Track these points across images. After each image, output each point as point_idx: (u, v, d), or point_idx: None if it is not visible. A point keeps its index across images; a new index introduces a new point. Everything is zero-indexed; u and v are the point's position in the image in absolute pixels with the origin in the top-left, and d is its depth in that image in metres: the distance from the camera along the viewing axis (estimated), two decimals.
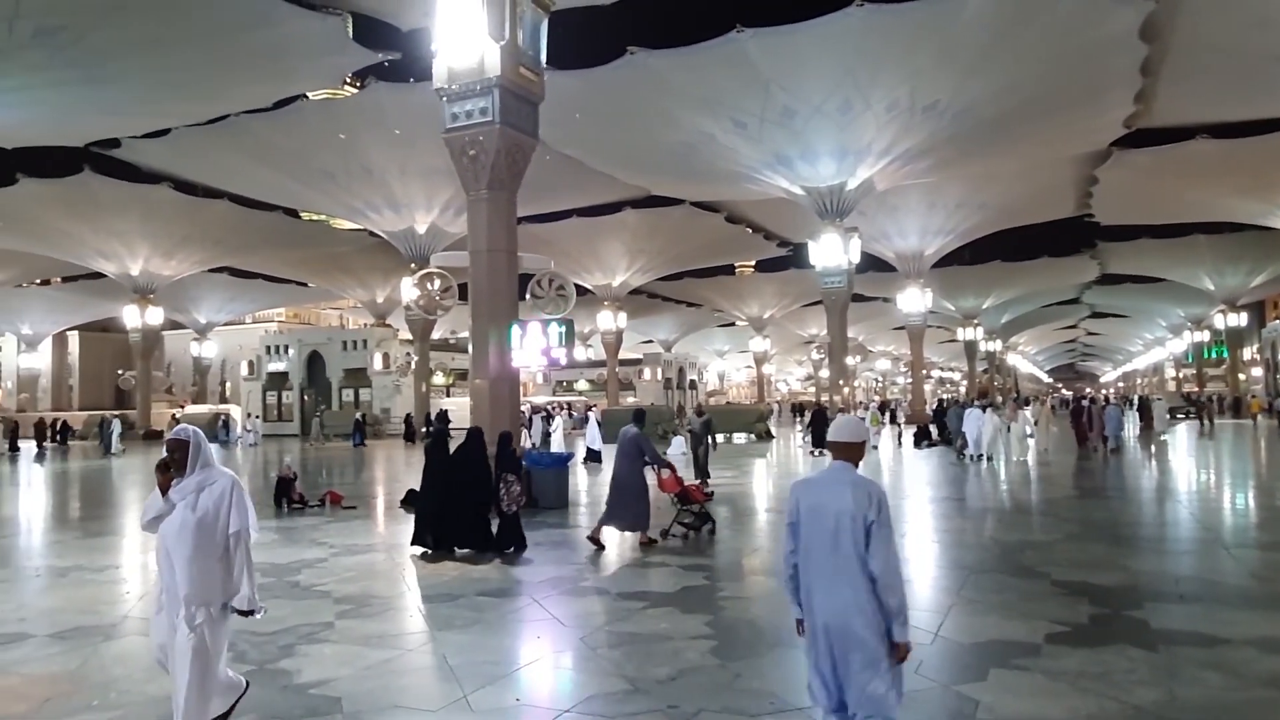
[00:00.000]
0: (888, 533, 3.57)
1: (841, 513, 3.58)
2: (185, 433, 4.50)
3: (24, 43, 20.64)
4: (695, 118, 28.28)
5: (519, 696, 5.44)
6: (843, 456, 3.75)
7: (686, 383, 72.77)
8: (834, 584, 3.59)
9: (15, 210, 37.32)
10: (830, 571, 3.60)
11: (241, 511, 4.41)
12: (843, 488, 3.64)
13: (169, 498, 4.39)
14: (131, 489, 20.58)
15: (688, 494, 11.10)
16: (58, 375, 70.23)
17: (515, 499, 10.35)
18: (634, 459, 10.71)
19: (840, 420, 3.94)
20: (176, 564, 4.30)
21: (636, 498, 10.53)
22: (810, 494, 3.76)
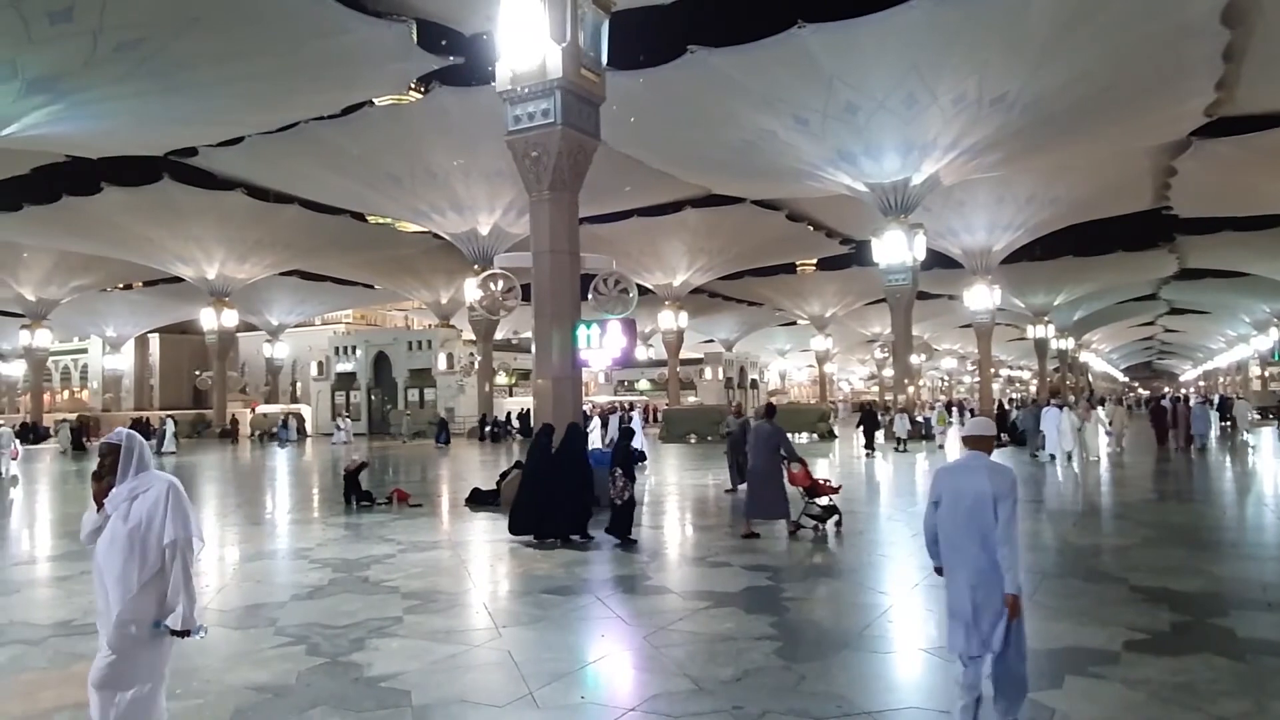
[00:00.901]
0: (1012, 506, 4.35)
1: (979, 492, 4.39)
2: (117, 436, 4.04)
3: (108, 56, 21.47)
4: (756, 115, 28.09)
5: (584, 694, 5.48)
6: (976, 447, 4.64)
7: (748, 382, 72.39)
8: (971, 550, 4.40)
9: (100, 217, 38.92)
10: (967, 540, 4.42)
11: (179, 519, 3.92)
12: (979, 471, 4.49)
13: (103, 508, 3.95)
14: (208, 484, 21.26)
15: (817, 488, 11.56)
16: (140, 375, 72.99)
17: (620, 492, 10.86)
18: (771, 453, 11.23)
19: (972, 420, 4.91)
20: (108, 581, 3.85)
21: (773, 489, 11.11)
22: (951, 477, 4.60)
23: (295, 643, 6.51)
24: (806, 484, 11.56)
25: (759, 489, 11.22)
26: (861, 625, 6.88)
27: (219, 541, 12.25)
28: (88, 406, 68.05)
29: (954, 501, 4.50)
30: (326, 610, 7.51)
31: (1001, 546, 4.30)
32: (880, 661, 6.15)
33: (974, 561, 4.38)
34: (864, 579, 8.87)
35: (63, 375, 75.18)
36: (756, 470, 11.33)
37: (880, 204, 31.65)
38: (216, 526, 13.79)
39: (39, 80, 21.81)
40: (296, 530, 12.96)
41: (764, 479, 11.21)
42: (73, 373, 75.80)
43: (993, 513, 4.33)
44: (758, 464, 11.31)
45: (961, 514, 4.44)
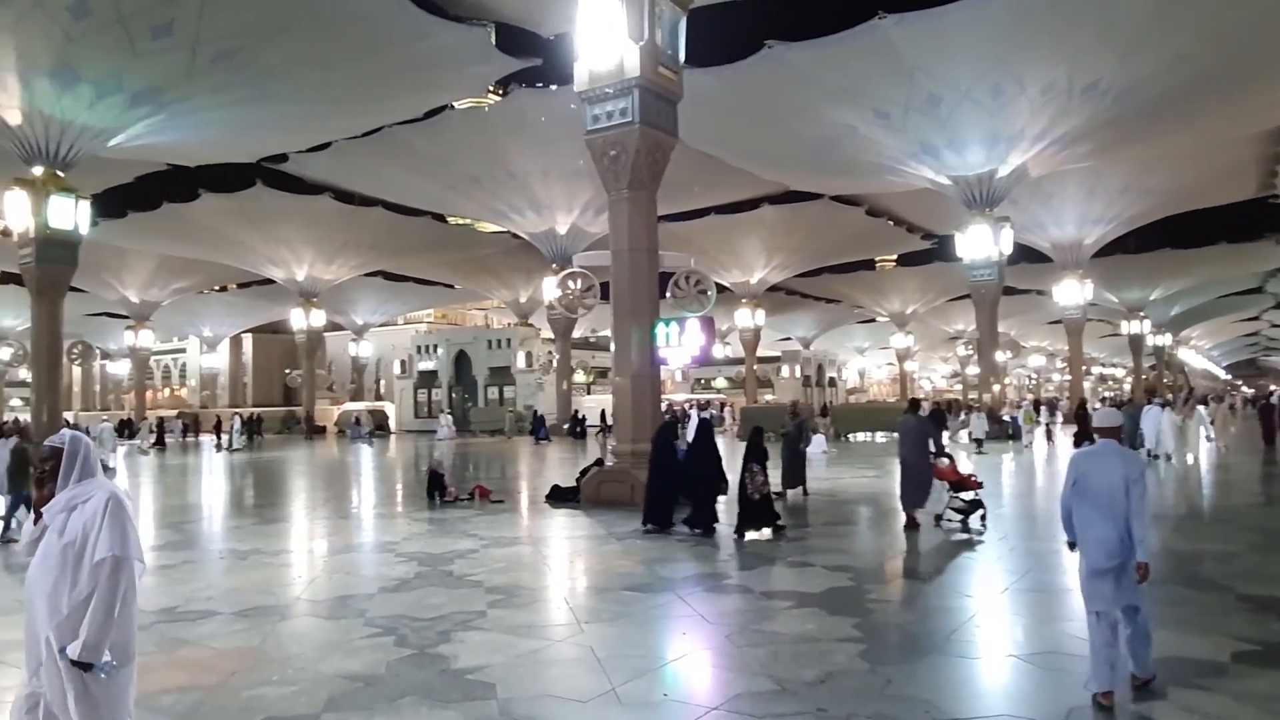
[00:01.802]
0: (1142, 487, 5.04)
1: (1112, 474, 5.10)
2: (60, 439, 3.59)
3: (205, 67, 22.42)
4: (835, 110, 27.67)
5: (666, 691, 5.48)
6: (1107, 436, 5.39)
7: (825, 380, 71.39)
8: (1105, 525, 5.05)
9: (198, 222, 40.68)
10: (1103, 516, 5.07)
11: (116, 535, 3.40)
12: (1112, 456, 5.22)
13: (41, 519, 3.52)
14: (297, 479, 22.01)
15: (963, 482, 11.66)
16: (234, 374, 76.00)
17: (759, 486, 11.23)
18: (921, 446, 11.55)
19: (1101, 411, 5.76)
20: (36, 601, 3.40)
21: (922, 480, 11.41)
22: (1088, 461, 5.32)
23: (384, 633, 6.68)
24: (953, 478, 11.70)
25: (909, 480, 11.49)
26: (948, 629, 6.71)
27: (308, 535, 12.68)
28: (186, 404, 71.23)
29: (1090, 482, 5.17)
30: (413, 603, 7.68)
31: (1134, 520, 4.97)
32: (968, 667, 5.98)
33: (1108, 534, 5.02)
34: (949, 582, 8.65)
35: (164, 374, 78.80)
36: (906, 461, 11.65)
37: (964, 198, 30.84)
38: (305, 520, 14.27)
39: (142, 92, 22.91)
40: (382, 524, 13.31)
41: (913, 470, 11.49)
42: (173, 371, 79.40)
43: (1124, 492, 5.00)
44: (907, 456, 11.62)
45: (1097, 493, 5.11)
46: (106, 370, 77.78)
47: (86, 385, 79.76)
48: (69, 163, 23.94)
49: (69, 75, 21.70)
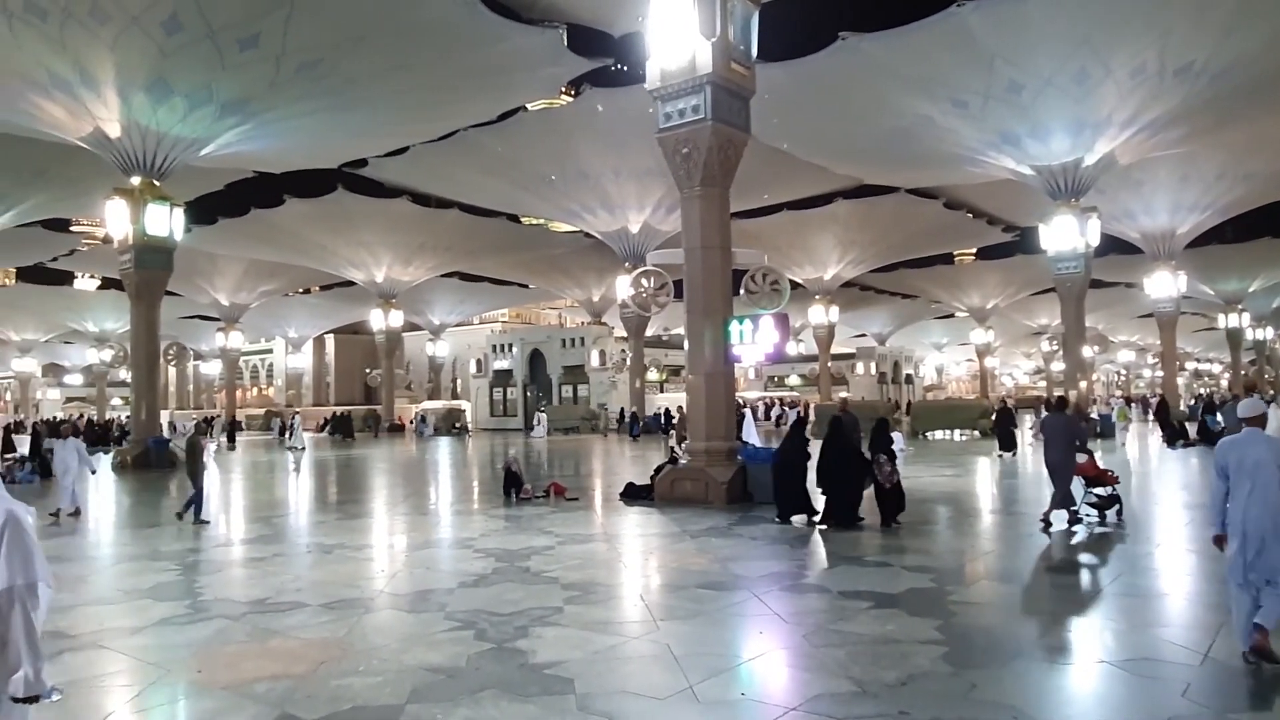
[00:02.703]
0: None
1: (1259, 459, 5.50)
2: None
3: (289, 77, 23.19)
4: (911, 100, 27.09)
5: (744, 691, 5.45)
6: (1253, 425, 5.75)
7: (902, 377, 70.07)
8: (1256, 505, 5.43)
9: (283, 227, 42.15)
10: (1252, 498, 5.45)
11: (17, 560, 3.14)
12: (1258, 443, 5.62)
13: None
14: (378, 475, 22.58)
15: (1100, 477, 11.64)
16: (317, 373, 78.51)
17: (888, 476, 11.54)
18: (1067, 444, 11.36)
19: (1245, 402, 6.03)
20: None
21: (1067, 479, 11.22)
22: (1236, 449, 5.67)
23: (464, 628, 6.80)
24: (1091, 473, 11.64)
25: (1055, 478, 11.27)
26: (1036, 633, 6.52)
27: (388, 530, 12.99)
28: (273, 403, 73.82)
29: (1239, 468, 5.54)
30: (491, 598, 7.81)
31: None
32: (1057, 673, 5.80)
33: (1257, 514, 5.40)
34: (1036, 585, 8.40)
35: (252, 374, 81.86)
36: (1051, 460, 11.46)
37: (1048, 188, 29.86)
38: (386, 516, 14.63)
39: (231, 103, 23.81)
40: (459, 521, 13.56)
41: (1058, 469, 11.32)
42: (260, 371, 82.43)
43: (1271, 475, 5.42)
44: (1053, 454, 11.43)
45: (1247, 476, 5.48)
46: (199, 370, 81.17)
47: (181, 385, 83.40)
48: (164, 172, 25.04)
49: (163, 89, 22.70)
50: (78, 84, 22.16)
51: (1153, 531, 11.26)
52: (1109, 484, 11.58)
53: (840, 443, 12.04)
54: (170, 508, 16.78)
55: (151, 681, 5.74)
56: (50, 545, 11.81)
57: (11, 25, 19.88)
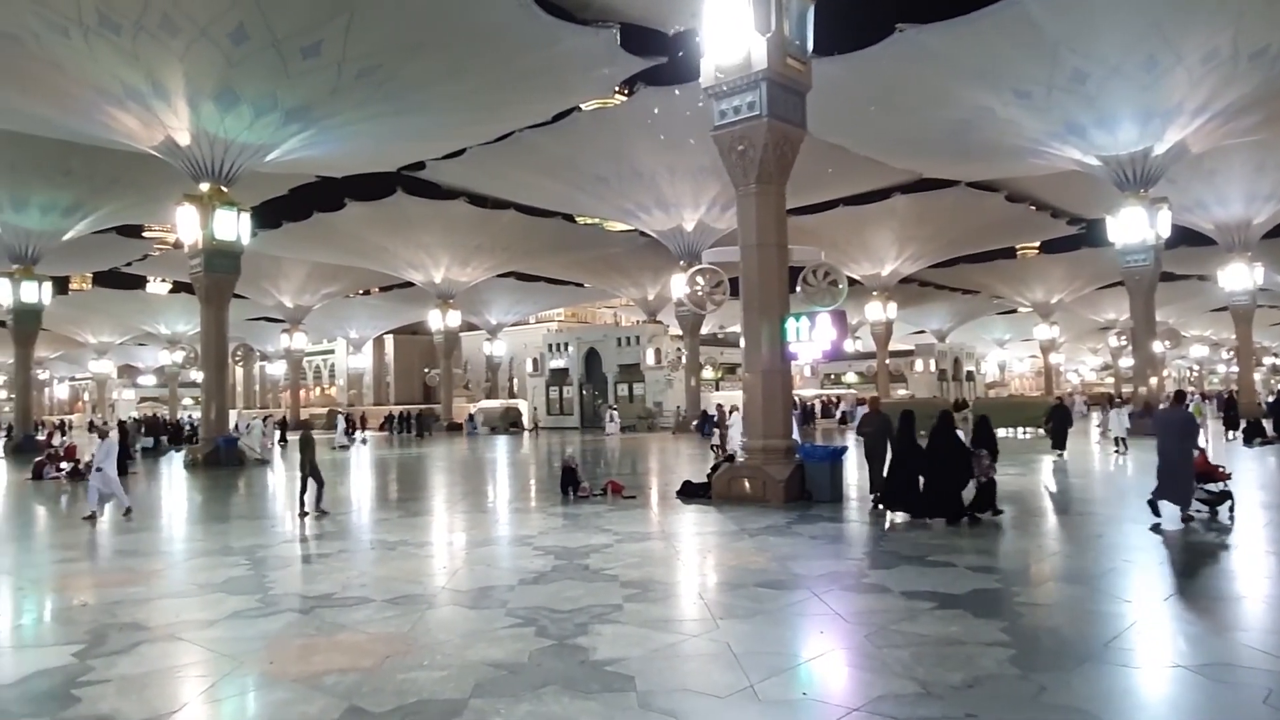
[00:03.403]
0: None
1: None
2: None
3: (350, 83, 23.67)
4: (971, 92, 26.57)
5: (805, 690, 5.41)
6: None
7: (963, 374, 68.72)
8: None
9: (344, 230, 43.07)
10: None
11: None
12: None
13: None
14: (437, 474, 22.91)
15: (1211, 473, 11.55)
16: (378, 373, 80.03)
17: (986, 470, 11.73)
18: (1182, 438, 11.26)
19: None
20: None
21: (1184, 474, 11.14)
22: None
23: (525, 624, 6.88)
24: (1202, 469, 11.51)
25: (1168, 474, 11.17)
26: (1107, 636, 6.34)
27: (449, 528, 13.19)
28: (335, 402, 75.45)
29: None
30: (551, 595, 7.87)
31: None
32: (1129, 677, 5.64)
33: None
34: (1106, 586, 8.16)
35: (315, 374, 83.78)
36: (1166, 454, 11.33)
37: (1115, 178, 29.02)
38: (446, 513, 14.84)
39: (295, 110, 24.40)
40: (518, 519, 13.69)
41: (1173, 463, 11.23)
42: (323, 371, 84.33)
43: None
44: (1168, 449, 11.32)
45: None
46: (265, 371, 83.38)
47: (248, 385, 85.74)
48: (231, 178, 25.77)
49: (230, 97, 23.36)
50: (150, 94, 22.92)
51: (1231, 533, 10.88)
52: (1220, 480, 11.42)
53: (947, 438, 12.00)
54: (239, 504, 17.31)
55: (225, 673, 5.91)
56: (126, 541, 12.27)
57: (87, 39, 20.64)
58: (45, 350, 72.83)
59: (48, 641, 7.11)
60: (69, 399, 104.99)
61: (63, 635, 7.03)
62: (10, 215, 32.93)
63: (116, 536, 12.72)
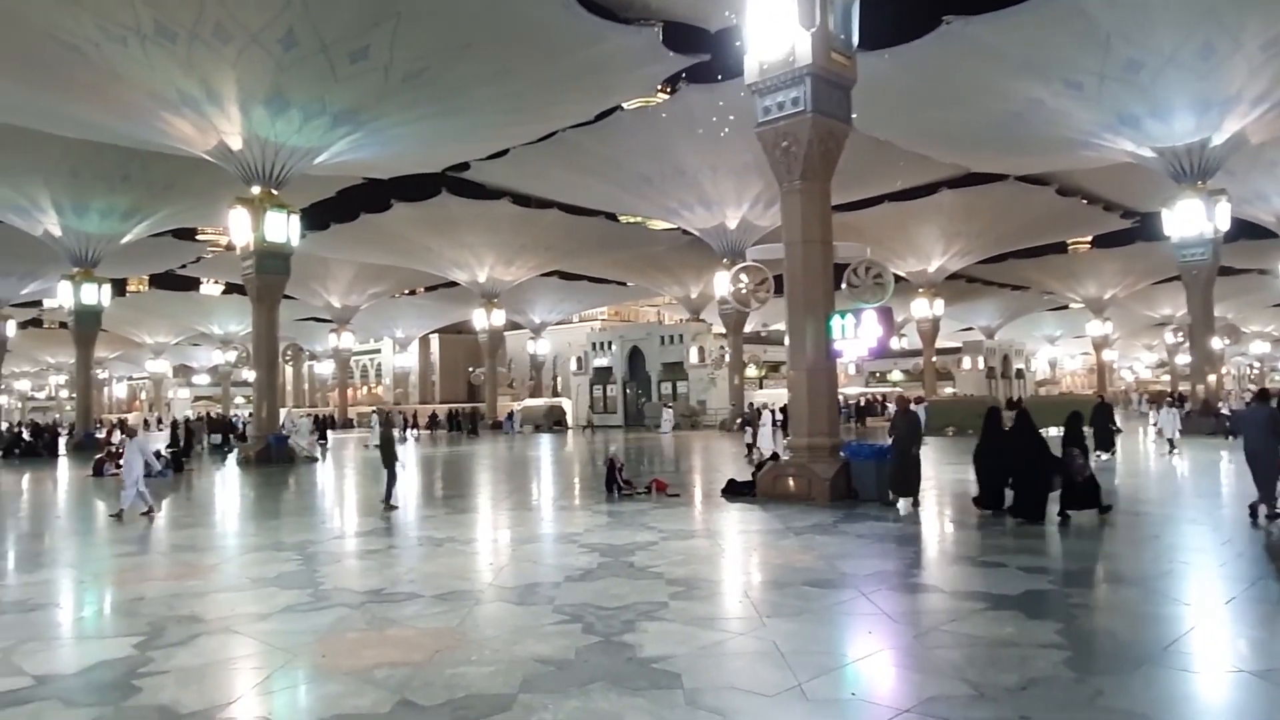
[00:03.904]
0: None
1: None
2: None
3: (396, 86, 24.00)
4: (1021, 84, 26.09)
5: (854, 690, 5.35)
6: None
7: (1012, 371, 67.50)
8: None
9: (390, 231, 43.69)
10: None
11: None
12: None
13: None
14: (482, 471, 23.12)
15: None
16: (423, 372, 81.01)
17: (1080, 469, 11.55)
18: (1268, 435, 11.12)
19: None
20: None
21: (1271, 470, 11.00)
22: None
23: (571, 621, 6.90)
24: None
25: (1259, 472, 11.04)
26: (1165, 640, 6.18)
27: (495, 525, 13.29)
28: (382, 400, 76.53)
29: None
30: (597, 592, 7.90)
31: None
32: (1189, 681, 5.48)
33: None
34: (1164, 588, 7.96)
35: (362, 373, 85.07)
36: (1253, 451, 11.23)
37: (1171, 170, 28.29)
38: (492, 511, 14.96)
39: (343, 113, 24.80)
40: (563, 516, 13.75)
41: (1261, 460, 11.09)
42: (370, 370, 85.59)
43: None
44: (1256, 446, 11.20)
45: None
46: (313, 370, 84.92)
47: (297, 384, 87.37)
48: (281, 181, 26.28)
49: (281, 102, 23.81)
50: (204, 100, 23.47)
51: None
52: None
53: (1030, 436, 11.84)
54: (290, 501, 17.64)
55: (279, 666, 6.03)
56: (183, 536, 12.58)
57: (145, 47, 21.19)
58: (105, 351, 74.97)
59: (109, 633, 7.32)
60: (127, 398, 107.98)
61: (123, 627, 7.22)
62: (72, 220, 33.94)
63: (173, 532, 13.05)
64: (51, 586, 9.35)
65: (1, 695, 5.48)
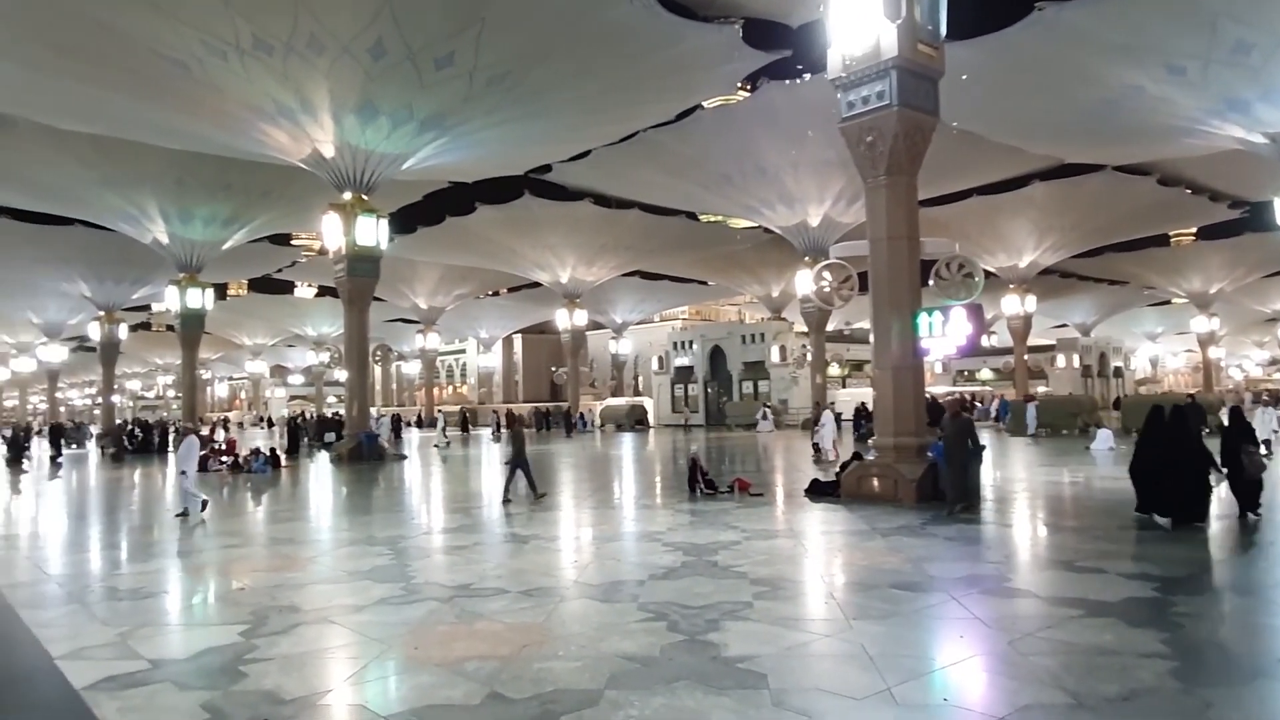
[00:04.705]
0: None
1: None
2: None
3: (481, 91, 24.44)
4: (1118, 70, 24.99)
5: (946, 696, 5.23)
6: None
7: (1109, 370, 64.82)
8: None
9: (474, 233, 44.56)
10: None
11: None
12: None
13: None
14: (565, 470, 23.39)
15: None
16: (507, 372, 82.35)
17: (1257, 466, 11.28)
18: None
19: None
20: None
21: None
22: None
23: (656, 619, 6.93)
24: None
25: None
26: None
27: (578, 523, 13.43)
28: (467, 399, 78.12)
29: None
30: (681, 590, 7.91)
31: None
32: None
33: None
34: (1277, 597, 7.55)
35: (448, 373, 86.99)
36: None
37: None
38: (575, 509, 15.13)
39: (429, 119, 25.39)
40: (645, 514, 13.81)
41: None
42: (455, 370, 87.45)
43: None
44: None
45: None
46: (401, 370, 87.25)
47: (385, 384, 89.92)
48: (371, 187, 27.07)
49: (370, 110, 24.53)
50: (298, 110, 24.34)
51: None
52: None
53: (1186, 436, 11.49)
54: (380, 497, 18.17)
55: (374, 656, 6.23)
56: (282, 530, 13.08)
57: (243, 61, 22.10)
58: (207, 352, 78.49)
59: (215, 621, 7.67)
60: (228, 397, 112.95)
61: (229, 615, 7.56)
62: (178, 227, 35.66)
63: (273, 526, 13.59)
64: (161, 576, 9.86)
65: (121, 677, 5.80)
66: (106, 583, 9.50)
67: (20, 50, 21.52)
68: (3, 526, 15.10)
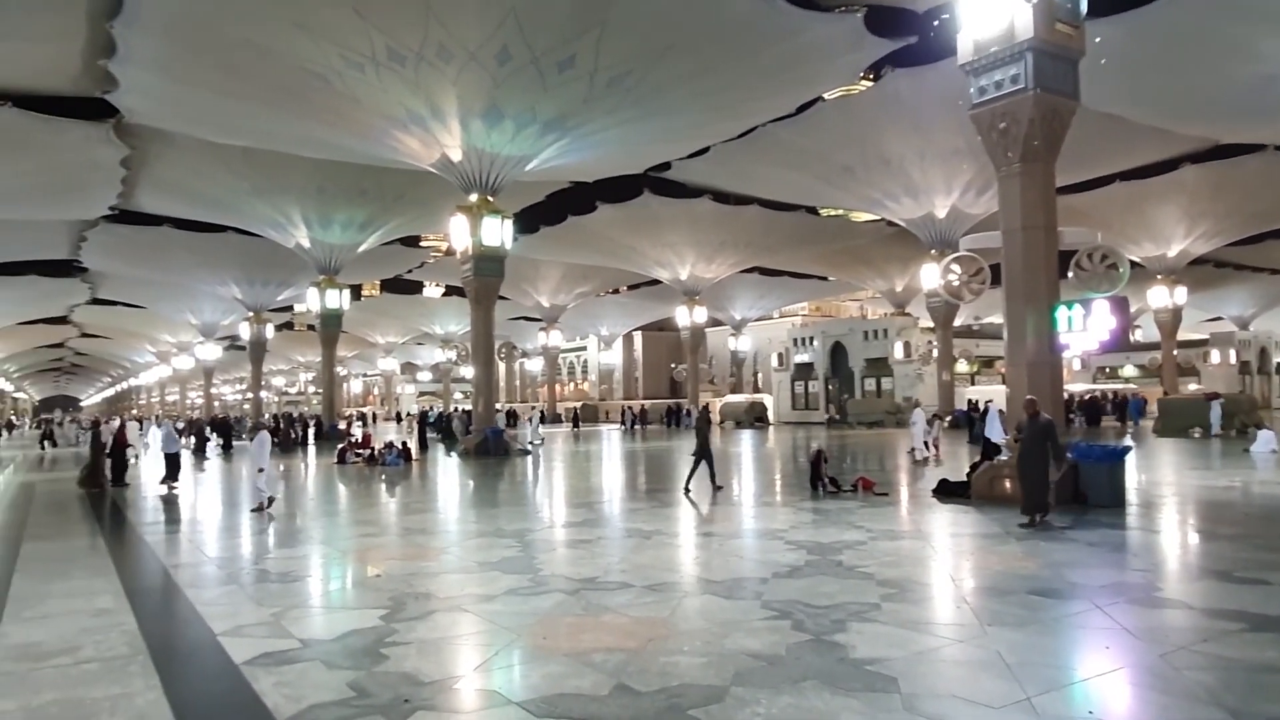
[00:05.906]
0: None
1: None
2: None
3: (601, 92, 24.78)
4: (1278, 42, 23.12)
5: (1091, 709, 4.98)
6: None
7: (1270, 366, 60.03)
8: None
9: (595, 232, 45.20)
10: None
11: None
12: None
13: None
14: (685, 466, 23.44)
15: None
16: (627, 369, 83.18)
17: None
18: None
19: None
20: None
21: None
22: None
23: (780, 617, 6.87)
24: None
25: None
26: None
27: (700, 519, 13.44)
28: (588, 396, 79.37)
29: None
30: (805, 589, 7.81)
31: None
32: None
33: None
34: None
35: (569, 370, 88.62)
36: None
37: None
38: (696, 505, 15.14)
39: (551, 121, 25.94)
40: (766, 512, 13.71)
41: None
42: (576, 367, 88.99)
43: None
44: None
45: None
46: (524, 367, 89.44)
47: (510, 380, 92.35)
48: (496, 189, 27.89)
49: (496, 114, 25.26)
50: (429, 117, 25.32)
51: None
52: None
53: None
54: (507, 491, 18.69)
55: (505, 644, 6.42)
56: (415, 521, 13.63)
57: (378, 72, 23.15)
58: (344, 350, 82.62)
59: (356, 605, 8.07)
60: (362, 393, 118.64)
61: (369, 600, 7.95)
62: (318, 232, 37.73)
63: (406, 517, 14.19)
64: (308, 561, 10.46)
65: (275, 654, 6.20)
66: (258, 565, 10.15)
67: (190, 73, 23.27)
68: (201, 511, 16.27)
